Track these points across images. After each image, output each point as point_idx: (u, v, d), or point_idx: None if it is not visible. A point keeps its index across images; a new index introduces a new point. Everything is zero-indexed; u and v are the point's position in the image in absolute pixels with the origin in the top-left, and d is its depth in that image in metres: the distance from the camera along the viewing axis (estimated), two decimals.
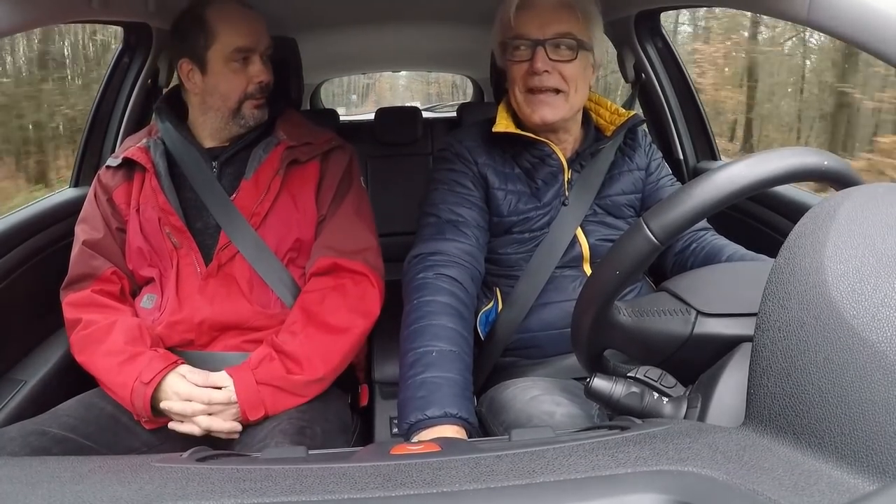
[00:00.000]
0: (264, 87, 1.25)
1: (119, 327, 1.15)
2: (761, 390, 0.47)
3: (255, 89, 1.24)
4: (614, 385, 0.69)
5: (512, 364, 1.22)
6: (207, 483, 0.44)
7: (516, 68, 1.15)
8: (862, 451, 0.39)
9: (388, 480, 0.44)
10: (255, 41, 1.23)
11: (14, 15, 0.89)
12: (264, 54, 1.25)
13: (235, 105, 1.23)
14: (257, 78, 1.23)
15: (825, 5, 0.83)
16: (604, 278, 0.67)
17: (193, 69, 1.23)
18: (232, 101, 1.23)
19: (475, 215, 1.18)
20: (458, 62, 3.37)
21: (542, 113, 1.14)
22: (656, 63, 1.79)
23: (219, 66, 1.21)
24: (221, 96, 1.23)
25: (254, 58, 1.23)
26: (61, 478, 0.46)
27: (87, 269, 1.23)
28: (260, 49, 1.23)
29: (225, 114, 1.24)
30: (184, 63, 1.23)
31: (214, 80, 1.22)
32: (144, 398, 1.08)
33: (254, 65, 1.23)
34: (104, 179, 1.28)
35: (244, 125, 1.26)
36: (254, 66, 1.23)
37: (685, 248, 1.25)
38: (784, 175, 0.61)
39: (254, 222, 1.22)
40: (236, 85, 1.22)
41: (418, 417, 0.88)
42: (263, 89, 1.25)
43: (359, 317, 1.19)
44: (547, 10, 1.12)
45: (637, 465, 0.43)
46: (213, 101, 1.24)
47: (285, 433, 1.05)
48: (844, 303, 0.43)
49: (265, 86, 1.25)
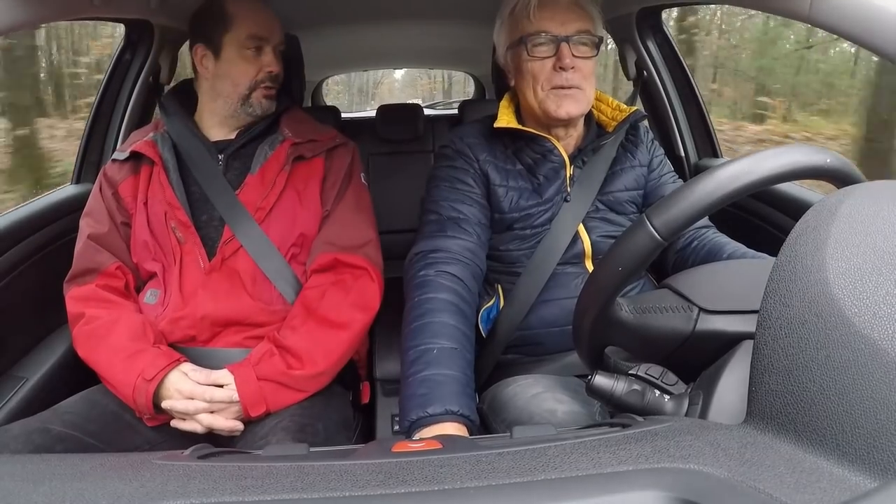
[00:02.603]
0: (274, 77, 1.28)
1: (123, 324, 1.15)
2: (763, 388, 0.47)
3: (266, 77, 1.26)
4: (616, 382, 0.69)
5: (513, 361, 1.22)
6: (209, 480, 0.44)
7: (537, 65, 1.14)
8: (863, 449, 0.39)
9: (389, 478, 0.44)
10: (270, 32, 1.26)
11: (16, 12, 0.89)
12: (277, 48, 1.28)
13: (246, 91, 1.25)
14: (268, 67, 1.26)
15: (827, 3, 0.82)
16: (606, 275, 0.67)
17: (207, 55, 1.26)
18: (242, 88, 1.25)
19: (476, 212, 1.18)
20: (460, 59, 3.36)
21: (568, 108, 1.14)
22: (658, 60, 1.79)
23: (232, 52, 1.24)
24: (232, 82, 1.25)
25: (267, 48, 1.26)
26: (64, 475, 0.46)
27: (92, 264, 1.23)
28: (273, 41, 1.27)
29: (234, 100, 1.26)
30: (198, 48, 1.27)
31: (227, 65, 1.25)
32: (147, 395, 1.08)
33: (266, 55, 1.26)
34: (110, 173, 1.29)
35: (252, 113, 1.27)
36: (266, 56, 1.26)
37: (686, 246, 1.25)
38: (787, 173, 0.61)
39: (258, 217, 1.22)
40: (247, 71, 1.25)
41: (420, 415, 0.88)
42: (274, 79, 1.28)
43: (359, 311, 1.19)
44: (566, 7, 1.13)
45: (639, 462, 0.43)
46: (223, 87, 1.26)
47: (287, 430, 1.05)
48: (846, 300, 0.43)
49: (275, 76, 1.28)
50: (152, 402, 1.09)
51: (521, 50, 1.15)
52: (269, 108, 1.29)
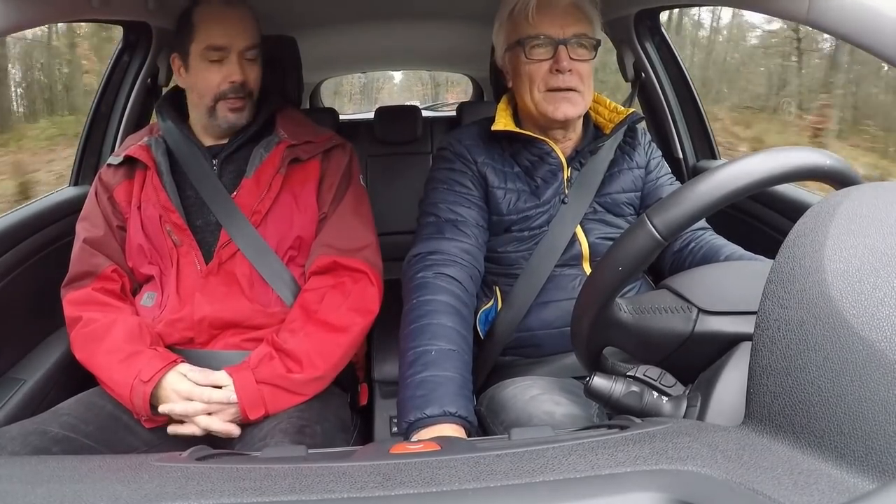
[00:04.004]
0: (238, 87, 1.22)
1: (119, 326, 1.15)
2: (761, 389, 0.47)
3: (228, 89, 1.22)
4: (614, 384, 0.69)
5: (511, 363, 1.22)
6: (207, 482, 0.44)
7: (535, 67, 1.14)
8: (861, 450, 0.39)
9: (387, 479, 0.44)
10: (229, 40, 1.20)
11: (14, 14, 0.89)
12: (244, 55, 1.22)
13: (210, 103, 1.23)
14: (230, 77, 1.21)
15: (825, 5, 0.83)
16: (606, 275, 0.67)
17: (182, 65, 1.25)
18: (207, 99, 1.23)
19: (474, 214, 1.18)
20: (458, 61, 3.37)
21: (565, 109, 1.14)
22: (656, 62, 1.80)
23: (196, 62, 1.22)
24: (199, 93, 1.24)
25: (229, 57, 1.21)
26: (61, 477, 0.46)
27: (88, 267, 1.23)
28: (236, 48, 1.21)
29: (203, 111, 1.25)
30: (175, 58, 1.26)
31: (193, 76, 1.24)
32: (144, 396, 1.08)
33: (229, 64, 1.21)
34: (105, 178, 1.29)
35: (220, 126, 1.25)
36: (228, 66, 1.21)
37: (683, 248, 1.25)
38: (786, 174, 0.61)
39: (254, 220, 1.22)
40: (210, 82, 1.22)
41: (417, 416, 0.88)
42: (238, 90, 1.22)
43: (358, 315, 1.19)
44: (564, 10, 1.13)
45: (637, 464, 0.43)
46: (192, 98, 1.26)
47: (285, 432, 1.05)
48: (844, 302, 0.43)
49: (239, 86, 1.22)
50: (150, 404, 1.09)
51: (519, 52, 1.16)
52: (235, 121, 1.24)
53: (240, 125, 1.26)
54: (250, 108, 1.26)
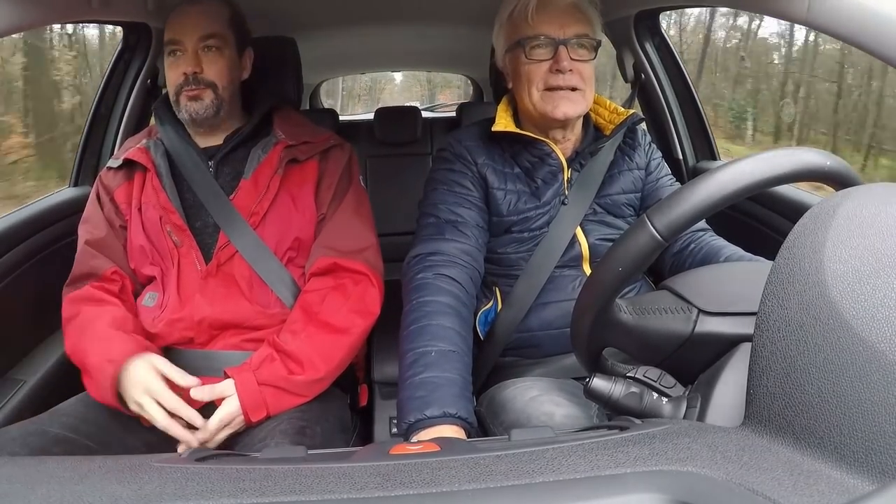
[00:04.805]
0: (192, 78, 1.22)
1: (106, 316, 1.15)
2: (760, 390, 0.47)
3: (183, 81, 1.22)
4: (613, 385, 0.69)
5: (511, 364, 1.22)
6: (207, 483, 0.44)
7: (534, 67, 1.14)
8: (861, 452, 0.39)
9: (387, 480, 0.44)
10: (183, 34, 1.22)
11: (14, 15, 0.89)
12: (198, 46, 1.23)
13: (174, 98, 1.25)
14: (182, 68, 1.22)
15: (824, 5, 0.83)
16: (606, 275, 0.67)
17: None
18: (172, 93, 1.25)
19: (474, 215, 1.18)
20: (458, 62, 3.37)
21: (564, 108, 1.14)
22: (655, 63, 1.80)
23: (167, 59, 1.25)
24: (169, 90, 1.27)
25: (187, 50, 1.22)
26: (61, 478, 0.46)
27: (88, 269, 1.23)
28: (191, 41, 1.22)
29: (175, 107, 1.26)
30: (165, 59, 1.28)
31: (166, 73, 1.26)
32: (108, 376, 1.05)
33: (184, 56, 1.23)
34: (105, 180, 1.29)
35: (185, 119, 1.26)
36: (184, 58, 1.23)
37: (683, 249, 1.25)
38: (787, 175, 0.61)
39: (253, 222, 1.22)
40: (171, 77, 1.25)
41: (417, 417, 0.88)
42: (193, 81, 1.22)
43: (359, 317, 1.19)
44: (564, 11, 1.13)
45: (636, 465, 0.43)
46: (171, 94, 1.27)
47: (285, 433, 1.05)
48: (844, 303, 0.43)
49: (192, 76, 1.22)
50: (115, 389, 1.06)
51: (519, 53, 1.15)
52: (197, 110, 1.23)
53: (200, 115, 1.24)
54: (213, 99, 1.24)
